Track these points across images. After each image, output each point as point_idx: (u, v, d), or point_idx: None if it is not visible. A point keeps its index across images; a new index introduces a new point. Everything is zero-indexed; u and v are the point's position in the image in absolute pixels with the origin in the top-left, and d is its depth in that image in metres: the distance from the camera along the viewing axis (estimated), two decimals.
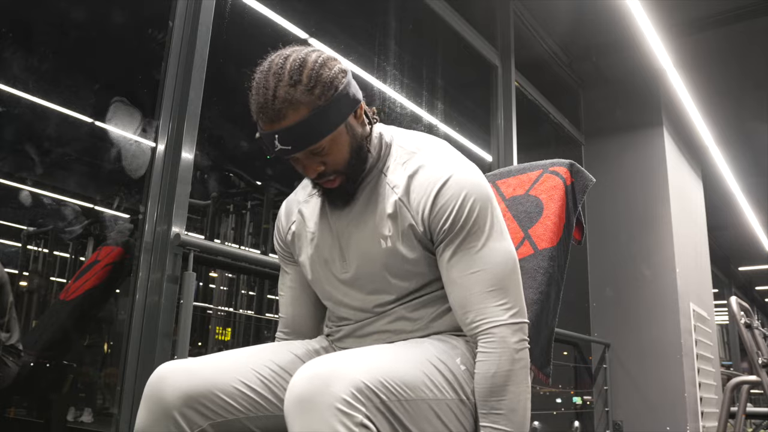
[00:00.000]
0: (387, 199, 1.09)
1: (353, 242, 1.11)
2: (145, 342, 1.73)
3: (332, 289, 1.16)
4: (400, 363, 0.95)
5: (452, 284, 1.06)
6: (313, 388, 0.84)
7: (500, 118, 3.79)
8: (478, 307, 1.03)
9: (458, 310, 1.06)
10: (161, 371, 1.03)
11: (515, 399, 1.01)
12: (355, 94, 1.05)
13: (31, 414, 2.88)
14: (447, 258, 1.06)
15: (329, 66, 1.02)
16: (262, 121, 1.01)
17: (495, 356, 1.01)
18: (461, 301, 1.05)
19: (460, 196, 1.04)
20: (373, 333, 1.13)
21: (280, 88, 0.98)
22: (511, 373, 1.01)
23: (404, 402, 0.90)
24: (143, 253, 1.81)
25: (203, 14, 2.00)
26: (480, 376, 1.02)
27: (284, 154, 1.01)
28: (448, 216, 1.04)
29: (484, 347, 1.02)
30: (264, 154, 1.06)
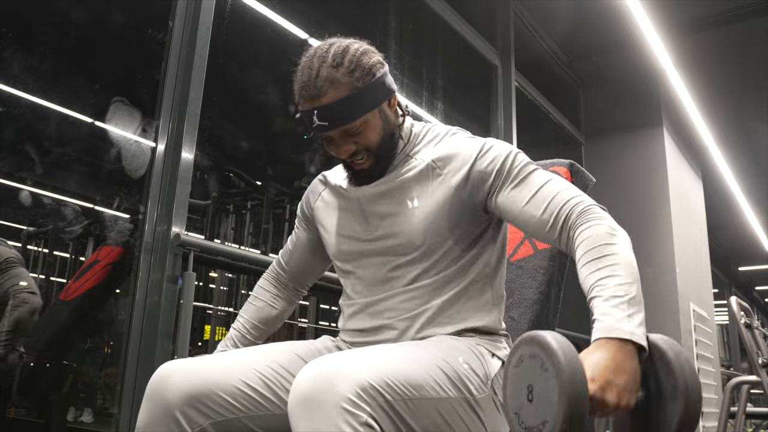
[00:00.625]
0: (416, 167, 1.15)
1: (378, 206, 1.15)
2: (145, 342, 1.73)
3: (354, 253, 1.18)
4: (405, 363, 0.95)
5: (529, 206, 1.08)
6: (318, 387, 0.84)
7: (500, 118, 3.79)
8: (565, 201, 1.06)
9: (545, 220, 1.06)
10: (163, 370, 1.03)
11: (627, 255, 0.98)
12: (390, 85, 1.14)
13: (31, 414, 2.88)
14: (509, 191, 1.10)
15: (369, 55, 1.11)
16: (304, 99, 1.08)
17: (603, 221, 1.02)
18: (546, 211, 1.06)
19: (502, 147, 1.15)
20: (385, 311, 1.13)
21: (324, 69, 1.06)
22: (620, 234, 1.01)
23: (408, 401, 0.90)
24: (143, 253, 1.81)
25: (203, 14, 2.01)
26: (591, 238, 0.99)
27: (320, 130, 1.08)
28: (496, 161, 1.12)
29: (589, 220, 1.02)
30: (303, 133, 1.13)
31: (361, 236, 1.17)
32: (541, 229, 1.07)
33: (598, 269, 0.95)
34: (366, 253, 1.16)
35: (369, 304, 1.16)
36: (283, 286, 1.38)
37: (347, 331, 1.20)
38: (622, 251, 0.97)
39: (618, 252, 0.97)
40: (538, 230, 1.08)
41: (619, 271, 0.94)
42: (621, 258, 0.96)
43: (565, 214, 1.05)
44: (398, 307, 1.13)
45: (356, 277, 1.19)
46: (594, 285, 0.93)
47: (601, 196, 3.92)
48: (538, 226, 1.08)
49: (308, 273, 1.39)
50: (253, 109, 4.27)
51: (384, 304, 1.14)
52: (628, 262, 0.96)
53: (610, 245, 0.98)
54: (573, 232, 1.03)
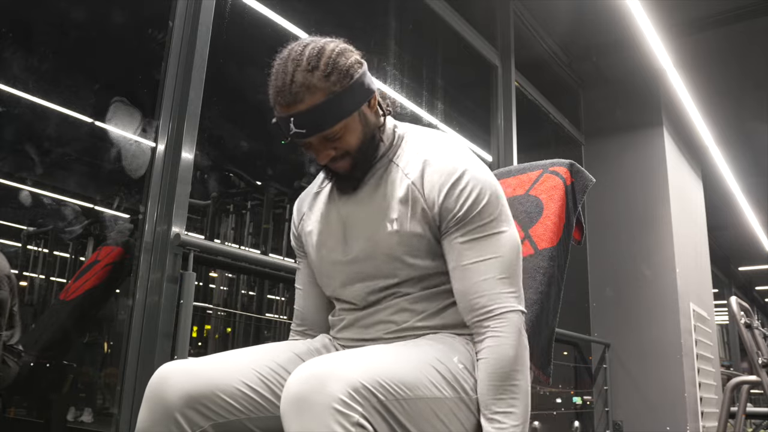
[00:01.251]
0: (399, 183, 1.11)
1: (358, 224, 1.13)
2: (145, 342, 1.73)
3: (334, 273, 1.16)
4: (398, 362, 0.95)
5: (463, 270, 1.07)
6: (310, 388, 0.84)
7: (500, 118, 3.79)
8: (491, 292, 1.05)
9: (468, 296, 1.06)
10: (163, 371, 1.03)
11: (526, 384, 1.04)
12: (369, 85, 1.10)
13: (31, 414, 2.88)
14: (459, 242, 1.07)
15: (346, 55, 1.06)
16: (279, 105, 1.04)
17: (511, 339, 1.03)
18: (473, 286, 1.06)
19: (477, 187, 1.08)
20: (376, 323, 1.13)
21: (298, 73, 1.02)
22: (522, 359, 1.04)
23: (402, 401, 0.90)
24: (143, 253, 1.81)
25: (203, 14, 2.01)
26: (495, 361, 1.02)
27: (298, 137, 1.05)
28: (464, 203, 1.07)
29: (499, 331, 1.03)
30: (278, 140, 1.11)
31: (340, 257, 1.15)
32: (459, 300, 1.08)
33: (500, 399, 1.02)
34: (348, 274, 1.15)
35: (357, 319, 1.16)
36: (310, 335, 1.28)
37: (341, 340, 1.20)
38: (523, 385, 1.04)
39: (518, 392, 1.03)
40: (457, 299, 1.09)
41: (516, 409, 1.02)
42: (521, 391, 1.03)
43: (483, 309, 1.05)
44: (388, 319, 1.12)
45: (341, 297, 1.18)
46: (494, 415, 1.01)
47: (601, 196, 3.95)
48: (458, 296, 1.09)
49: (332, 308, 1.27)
50: (253, 109, 4.27)
51: (372, 318, 1.14)
52: (525, 395, 1.04)
53: (513, 380, 1.03)
54: (481, 336, 1.05)
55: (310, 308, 1.29)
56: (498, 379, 1.02)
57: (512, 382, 1.02)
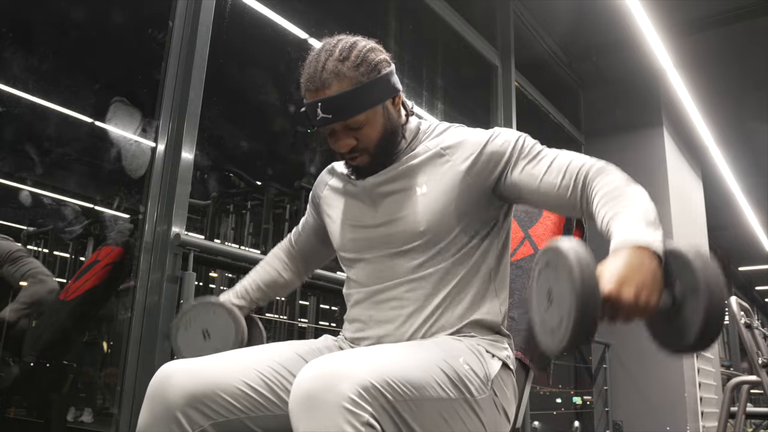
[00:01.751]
0: (424, 153, 1.16)
1: (386, 190, 1.16)
2: (145, 342, 1.73)
3: (359, 240, 1.18)
4: (406, 363, 0.95)
5: (547, 176, 1.10)
6: (320, 387, 0.84)
7: (500, 118, 3.79)
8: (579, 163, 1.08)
9: (564, 183, 1.08)
10: (164, 371, 1.03)
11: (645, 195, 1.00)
12: (395, 84, 1.16)
13: (31, 414, 2.88)
14: (523, 167, 1.12)
15: (376, 53, 1.13)
16: (308, 91, 1.10)
17: (621, 173, 1.05)
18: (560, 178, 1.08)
19: (514, 134, 1.16)
20: (389, 300, 1.14)
21: (330, 62, 1.08)
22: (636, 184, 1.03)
23: (410, 402, 0.90)
24: (143, 253, 1.81)
25: (203, 14, 2.01)
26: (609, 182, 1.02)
27: (324, 123, 1.09)
28: (508, 142, 1.14)
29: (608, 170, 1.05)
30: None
31: (367, 223, 1.17)
32: (563, 196, 1.08)
33: (615, 205, 0.97)
34: (371, 240, 1.17)
35: (373, 293, 1.16)
36: (292, 259, 1.42)
37: (350, 322, 1.20)
38: (639, 192, 0.99)
39: (635, 193, 0.99)
40: (559, 198, 1.09)
41: (636, 204, 0.95)
42: (638, 196, 0.98)
43: (584, 175, 1.06)
44: (402, 296, 1.13)
45: (360, 266, 1.19)
46: (612, 216, 0.95)
47: None
48: (559, 194, 1.09)
49: (312, 257, 1.42)
50: (253, 109, 4.27)
51: (388, 294, 1.14)
52: (646, 199, 0.98)
53: (627, 188, 1.00)
54: (591, 187, 1.04)
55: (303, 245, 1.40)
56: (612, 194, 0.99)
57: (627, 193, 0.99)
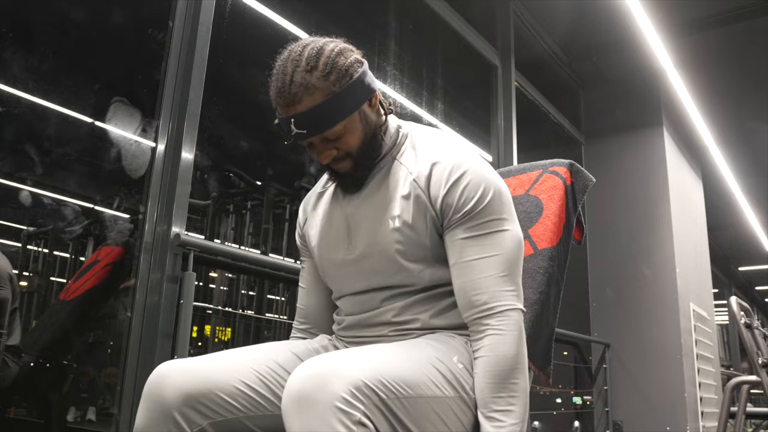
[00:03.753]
0: (402, 181, 1.12)
1: (362, 222, 1.13)
2: (145, 342, 1.73)
3: (339, 272, 1.17)
4: (399, 361, 0.95)
5: (464, 266, 1.07)
6: (312, 387, 0.84)
7: (500, 119, 3.79)
8: (492, 290, 1.05)
9: (468, 292, 1.06)
10: (161, 370, 1.03)
11: (525, 383, 1.03)
12: (370, 84, 1.09)
13: (31, 414, 2.88)
14: (461, 238, 1.07)
15: (345, 55, 1.06)
16: (280, 106, 1.05)
17: (511, 337, 1.03)
18: (473, 283, 1.06)
19: (481, 184, 1.08)
20: (378, 325, 1.14)
21: (297, 74, 1.02)
22: (522, 358, 1.03)
23: (403, 400, 0.90)
24: (143, 253, 1.81)
25: (203, 14, 2.01)
26: (495, 359, 1.02)
27: (299, 138, 1.05)
28: (467, 199, 1.07)
29: (500, 329, 1.03)
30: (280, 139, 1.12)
31: (343, 257, 1.16)
32: (458, 297, 1.08)
33: (500, 397, 1.01)
34: (351, 274, 1.16)
35: (361, 321, 1.17)
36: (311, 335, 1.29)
37: (344, 336, 1.21)
38: (522, 384, 1.03)
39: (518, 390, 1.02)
40: (457, 295, 1.08)
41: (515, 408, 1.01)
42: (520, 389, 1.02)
43: (483, 306, 1.05)
44: (391, 320, 1.13)
45: (346, 299, 1.19)
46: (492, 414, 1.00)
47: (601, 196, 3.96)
48: (457, 292, 1.08)
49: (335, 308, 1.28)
50: (253, 109, 4.27)
51: (376, 319, 1.15)
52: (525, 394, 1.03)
53: (512, 373, 1.02)
54: (480, 334, 1.05)
55: (312, 307, 1.29)
56: (498, 378, 1.01)
57: (512, 381, 1.01)
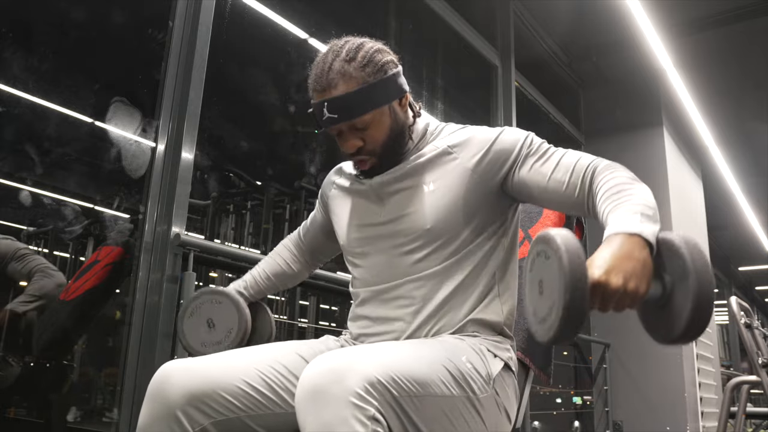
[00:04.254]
0: (432, 151, 1.17)
1: (393, 188, 1.17)
2: (145, 342, 1.73)
3: (365, 239, 1.19)
4: (411, 360, 0.95)
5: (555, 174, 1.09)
6: (327, 381, 0.85)
7: (500, 118, 3.79)
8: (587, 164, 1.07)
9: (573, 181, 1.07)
10: (165, 370, 1.03)
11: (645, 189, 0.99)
12: (402, 85, 1.16)
13: (31, 414, 2.88)
14: (530, 169, 1.11)
15: (383, 54, 1.14)
16: (315, 91, 1.11)
17: (627, 171, 1.03)
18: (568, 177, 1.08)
19: (522, 133, 1.16)
20: (396, 298, 1.14)
21: (336, 62, 1.09)
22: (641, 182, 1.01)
23: (414, 398, 0.91)
24: (143, 253, 1.81)
25: (203, 14, 2.01)
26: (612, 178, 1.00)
27: (330, 122, 1.10)
28: (516, 141, 1.14)
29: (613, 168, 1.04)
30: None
31: (373, 221, 1.18)
32: (570, 195, 1.08)
33: (615, 200, 0.95)
34: (377, 237, 1.17)
35: (379, 292, 1.16)
36: (301, 252, 1.44)
37: (356, 319, 1.21)
38: (641, 189, 0.98)
39: (637, 190, 0.97)
40: (567, 197, 1.09)
41: (636, 198, 0.94)
42: (640, 192, 0.96)
43: (591, 174, 1.06)
44: (408, 294, 1.13)
45: (367, 264, 1.19)
46: (611, 209, 0.94)
47: None
48: (567, 193, 1.08)
49: (321, 251, 1.44)
50: (253, 109, 4.27)
51: (394, 292, 1.15)
52: (648, 195, 0.96)
53: (630, 185, 0.98)
54: (596, 186, 1.03)
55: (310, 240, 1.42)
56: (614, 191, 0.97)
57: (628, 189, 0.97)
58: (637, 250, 0.83)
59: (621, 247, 0.83)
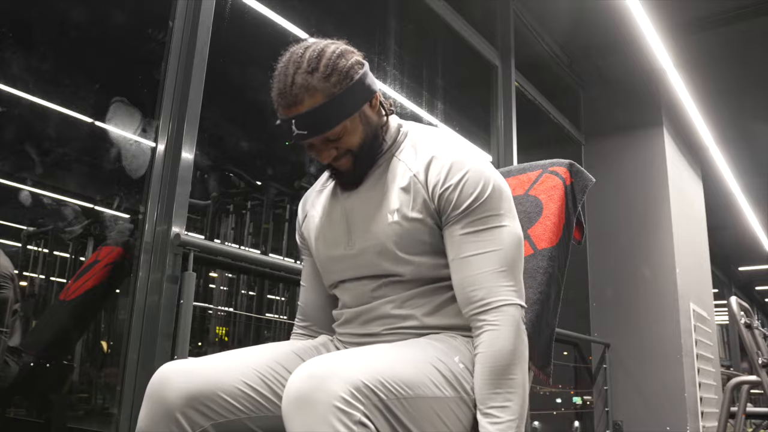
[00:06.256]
0: (401, 175, 1.12)
1: (361, 217, 1.14)
2: (145, 342, 1.73)
3: (338, 267, 1.17)
4: (399, 362, 0.95)
5: (462, 262, 1.07)
6: (311, 387, 0.84)
7: (500, 118, 3.79)
8: (489, 285, 1.05)
9: (466, 288, 1.06)
10: (164, 371, 1.03)
11: (523, 378, 1.03)
12: (370, 85, 1.11)
13: (31, 414, 2.88)
14: (459, 234, 1.07)
15: (346, 57, 1.07)
16: (281, 107, 1.06)
17: (508, 332, 1.02)
18: (471, 279, 1.06)
19: (480, 181, 1.08)
20: (376, 318, 1.13)
21: (298, 75, 1.03)
22: (520, 353, 1.03)
23: (403, 400, 0.90)
24: (143, 253, 1.81)
25: (203, 14, 2.01)
26: (492, 354, 1.02)
27: (300, 139, 1.06)
28: (466, 195, 1.07)
29: (496, 324, 1.03)
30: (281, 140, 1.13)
31: (342, 252, 1.16)
32: (457, 293, 1.08)
33: (497, 393, 1.00)
34: (349, 268, 1.16)
35: (359, 314, 1.16)
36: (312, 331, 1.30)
37: (342, 335, 1.21)
38: (519, 381, 1.02)
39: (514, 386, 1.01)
40: (456, 291, 1.08)
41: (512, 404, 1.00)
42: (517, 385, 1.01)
43: (481, 302, 1.05)
44: (389, 314, 1.13)
45: (344, 291, 1.19)
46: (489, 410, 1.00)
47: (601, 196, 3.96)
48: (456, 288, 1.08)
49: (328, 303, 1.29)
50: (253, 109, 4.27)
51: (374, 313, 1.14)
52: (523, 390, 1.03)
53: (510, 374, 1.01)
54: (478, 330, 1.05)
55: (313, 305, 1.30)
56: (494, 373, 1.01)
57: (509, 376, 1.01)
58: None
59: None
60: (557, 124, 4.63)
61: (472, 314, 1.06)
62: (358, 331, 1.16)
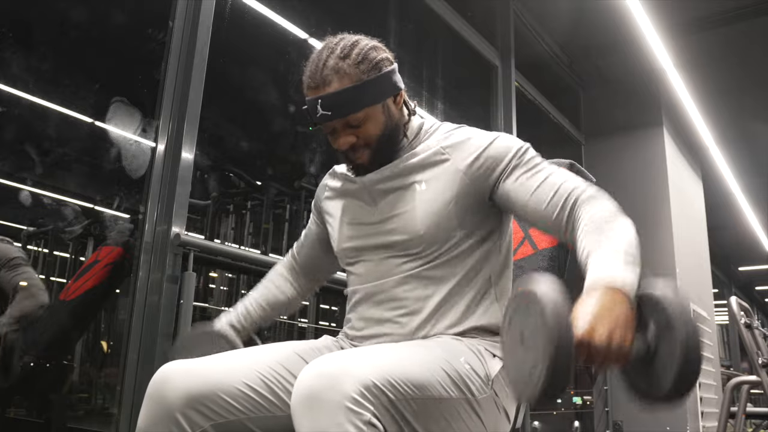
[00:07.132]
0: (423, 152, 1.16)
1: (385, 187, 1.16)
2: (145, 342, 1.73)
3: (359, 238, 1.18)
4: (408, 362, 0.95)
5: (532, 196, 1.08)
6: (322, 386, 0.84)
7: (500, 118, 3.79)
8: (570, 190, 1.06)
9: (553, 202, 1.06)
10: (164, 371, 1.03)
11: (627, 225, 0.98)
12: (397, 82, 1.15)
13: (31, 414, 2.88)
14: (515, 182, 1.10)
15: (377, 51, 1.13)
16: (309, 88, 1.10)
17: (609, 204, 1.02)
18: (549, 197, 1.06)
19: (517, 142, 1.15)
20: (390, 300, 1.13)
21: (331, 59, 1.09)
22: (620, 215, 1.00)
23: (411, 401, 0.90)
24: (143, 253, 1.81)
25: (203, 14, 2.01)
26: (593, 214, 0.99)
27: (324, 119, 1.09)
28: (505, 150, 1.13)
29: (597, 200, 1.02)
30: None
31: (366, 220, 1.17)
32: (549, 215, 1.07)
33: (596, 238, 0.95)
34: (369, 237, 1.16)
35: (374, 293, 1.16)
36: (296, 276, 1.41)
37: (350, 321, 1.20)
38: (624, 226, 0.97)
39: (620, 227, 0.97)
40: (545, 217, 1.08)
41: (618, 239, 0.93)
42: (623, 230, 0.96)
43: (573, 199, 1.05)
44: (402, 296, 1.12)
45: (359, 264, 1.19)
46: (591, 249, 0.94)
47: None
48: (546, 212, 1.07)
49: (317, 268, 1.41)
50: (253, 109, 4.27)
51: (386, 294, 1.14)
52: (630, 235, 0.96)
53: (613, 220, 0.98)
54: (578, 214, 1.03)
55: (306, 258, 1.39)
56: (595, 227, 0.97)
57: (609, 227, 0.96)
58: (618, 305, 0.82)
59: (602, 300, 0.82)
60: (557, 124, 4.63)
61: (569, 217, 1.04)
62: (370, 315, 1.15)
